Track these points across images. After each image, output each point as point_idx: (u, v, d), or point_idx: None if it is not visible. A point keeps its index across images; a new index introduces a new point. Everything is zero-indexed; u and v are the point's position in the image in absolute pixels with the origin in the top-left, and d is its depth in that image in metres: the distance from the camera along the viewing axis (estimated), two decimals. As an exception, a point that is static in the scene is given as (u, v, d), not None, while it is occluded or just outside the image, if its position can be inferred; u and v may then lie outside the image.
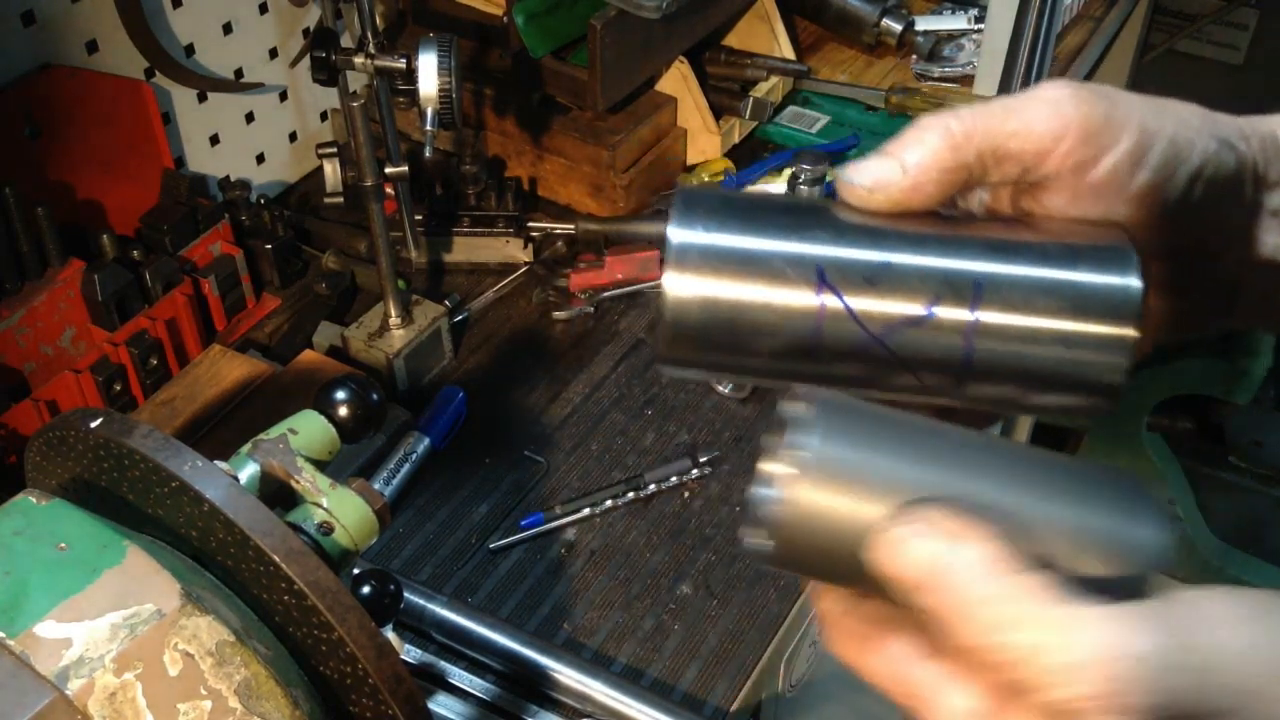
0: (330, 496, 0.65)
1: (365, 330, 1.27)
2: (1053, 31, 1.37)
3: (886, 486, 0.39)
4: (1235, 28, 2.34)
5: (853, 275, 0.42)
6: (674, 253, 0.43)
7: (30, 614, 0.52)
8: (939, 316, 0.42)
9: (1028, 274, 0.42)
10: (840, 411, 0.41)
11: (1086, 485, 0.40)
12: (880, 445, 0.40)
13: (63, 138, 1.24)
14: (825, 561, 0.40)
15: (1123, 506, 0.40)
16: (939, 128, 0.42)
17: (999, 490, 0.39)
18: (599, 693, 0.99)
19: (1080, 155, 0.42)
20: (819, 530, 0.40)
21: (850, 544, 0.39)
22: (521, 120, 1.50)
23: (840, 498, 0.39)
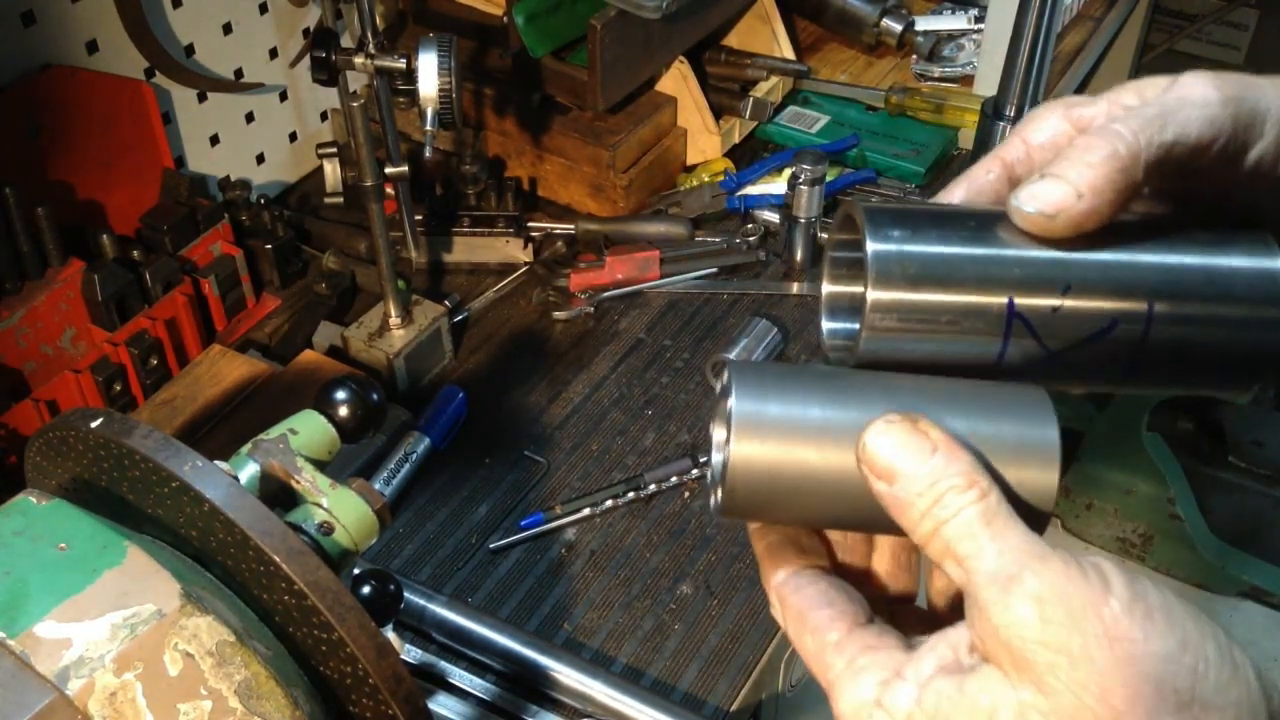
0: (330, 496, 0.65)
1: (365, 330, 1.27)
2: (1053, 31, 1.36)
3: (817, 427, 0.45)
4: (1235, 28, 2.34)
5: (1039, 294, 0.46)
6: (874, 267, 0.46)
7: (30, 614, 0.52)
8: (1119, 330, 0.46)
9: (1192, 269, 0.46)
10: (753, 372, 0.46)
11: (991, 399, 0.45)
12: (804, 394, 0.46)
13: (63, 138, 1.24)
14: (781, 504, 0.46)
15: (1025, 413, 0.45)
16: (1105, 150, 0.43)
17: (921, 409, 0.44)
18: (599, 693, 0.99)
19: (1230, 151, 0.44)
20: (761, 478, 0.45)
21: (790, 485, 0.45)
22: (521, 120, 1.50)
23: (773, 445, 0.45)
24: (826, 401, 0.45)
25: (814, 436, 0.45)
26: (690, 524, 1.15)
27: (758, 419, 0.45)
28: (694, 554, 1.13)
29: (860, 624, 0.46)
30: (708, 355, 1.31)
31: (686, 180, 1.54)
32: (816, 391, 0.45)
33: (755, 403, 0.45)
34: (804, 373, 0.47)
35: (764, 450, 0.45)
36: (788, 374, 0.46)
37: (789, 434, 0.45)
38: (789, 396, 0.45)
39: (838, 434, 0.44)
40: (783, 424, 0.45)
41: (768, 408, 0.45)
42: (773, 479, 0.45)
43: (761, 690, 1.07)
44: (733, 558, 1.12)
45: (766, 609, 1.08)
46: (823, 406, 0.45)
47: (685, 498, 1.17)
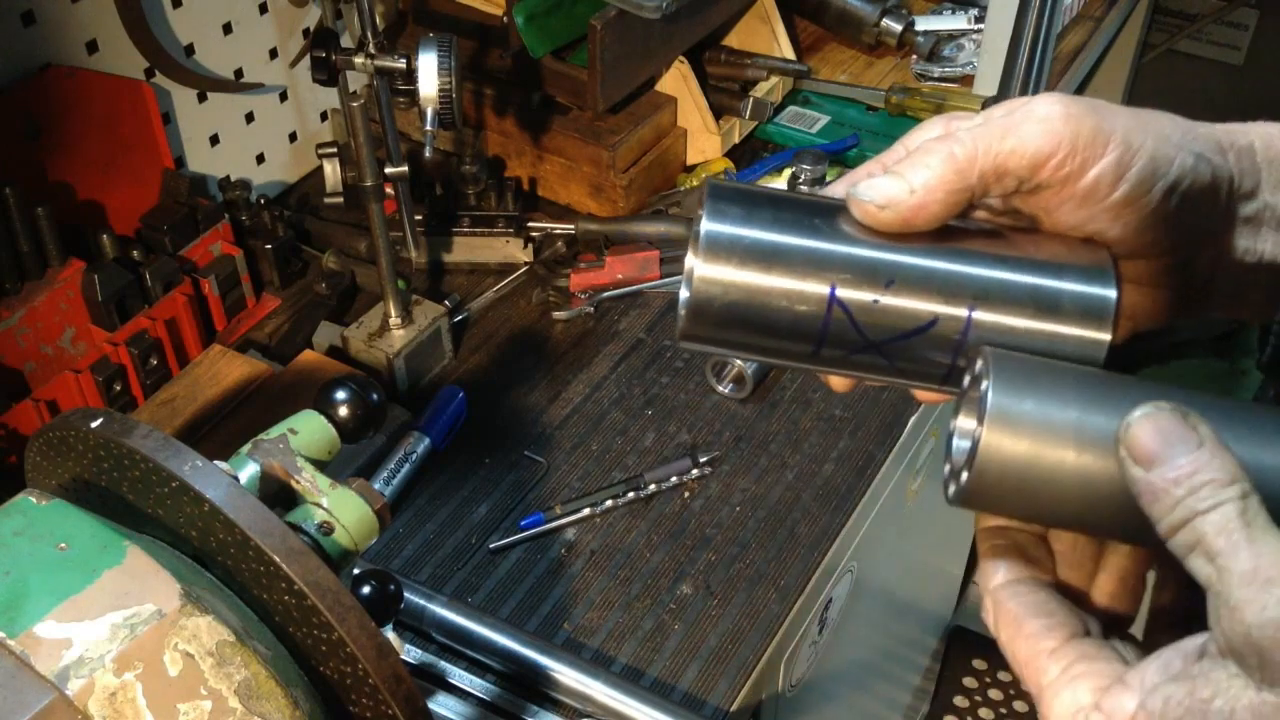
0: (330, 496, 0.65)
1: (365, 330, 1.27)
2: (1053, 31, 1.36)
3: (1073, 423, 0.43)
4: (1235, 28, 2.34)
5: (862, 287, 0.47)
6: (704, 241, 0.47)
7: (30, 614, 0.52)
8: (938, 330, 0.47)
9: (1020, 284, 0.47)
10: (1012, 363, 0.45)
11: (1264, 422, 0.44)
12: (1061, 388, 0.44)
13: (63, 138, 1.24)
14: (1013, 497, 0.45)
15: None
16: (943, 152, 0.46)
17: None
18: (599, 693, 0.99)
19: (1068, 168, 0.46)
20: (1010, 469, 0.44)
21: (1039, 478, 0.44)
22: (521, 120, 1.50)
23: (1027, 438, 0.43)
24: (1084, 398, 0.44)
25: (1069, 430, 0.43)
26: (690, 524, 1.15)
27: (1013, 410, 0.44)
28: (694, 554, 1.13)
29: (1079, 635, 0.45)
30: (707, 355, 1.31)
31: (686, 180, 1.54)
32: (1075, 387, 0.44)
33: (1011, 395, 0.44)
34: (1063, 369, 0.45)
35: (1016, 443, 0.43)
36: (1044, 368, 0.45)
37: (1044, 427, 0.43)
38: (1045, 390, 0.44)
39: (1095, 429, 0.43)
40: (1038, 417, 0.44)
41: (1023, 400, 0.44)
42: (1022, 470, 0.44)
43: (761, 690, 1.08)
44: (733, 558, 1.12)
45: (767, 609, 1.08)
46: (1080, 402, 0.44)
47: (685, 498, 1.18)
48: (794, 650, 1.14)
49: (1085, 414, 0.43)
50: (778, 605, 1.09)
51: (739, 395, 1.28)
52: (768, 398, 1.28)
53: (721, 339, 0.49)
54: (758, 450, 1.23)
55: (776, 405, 1.28)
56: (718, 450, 1.22)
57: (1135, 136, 0.46)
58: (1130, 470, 0.41)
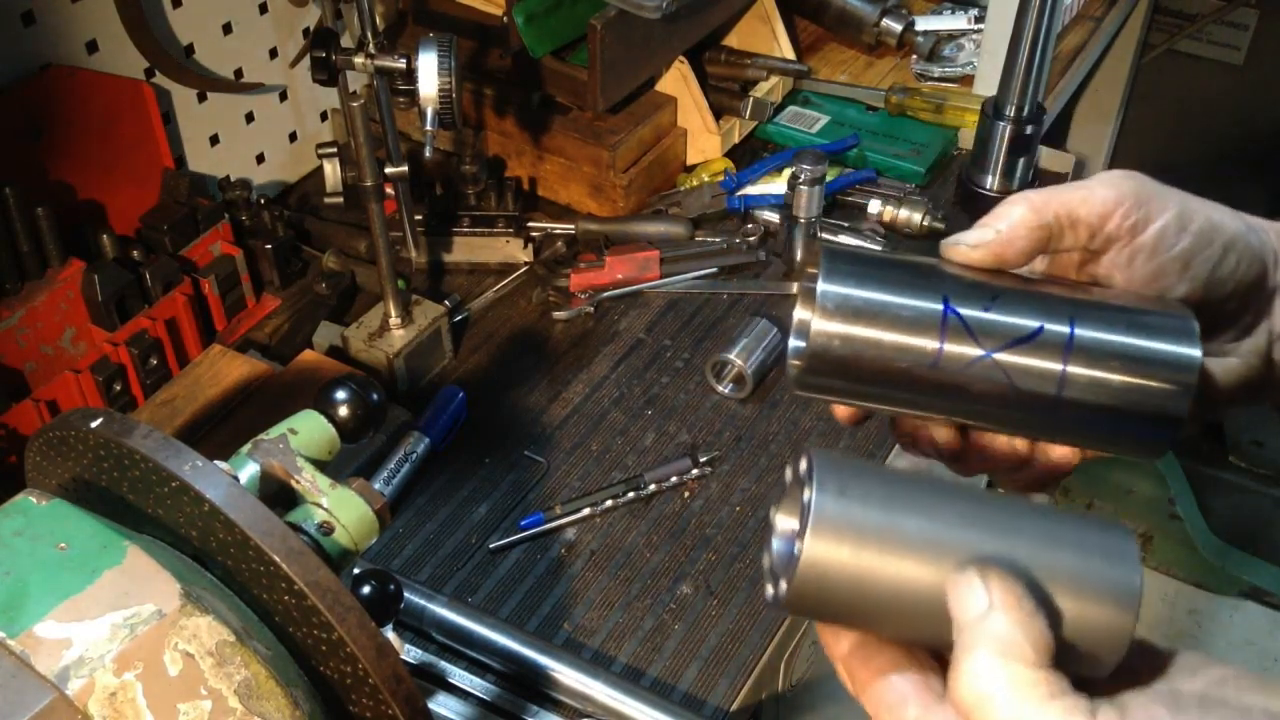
0: (330, 496, 0.65)
1: (365, 330, 1.27)
2: (1053, 31, 1.36)
3: (905, 543, 0.44)
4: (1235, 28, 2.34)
5: (971, 302, 0.51)
6: (821, 301, 0.51)
7: (30, 614, 0.52)
8: (1044, 338, 0.50)
9: (1113, 306, 0.51)
10: (840, 467, 0.46)
11: (1081, 533, 0.45)
12: (891, 502, 0.45)
13: (63, 138, 1.24)
14: (845, 611, 0.45)
15: (1109, 550, 0.45)
16: (1021, 200, 0.52)
17: (1004, 542, 0.45)
18: (599, 693, 0.99)
19: (1134, 218, 0.51)
20: (842, 583, 0.44)
21: (874, 595, 0.44)
22: (521, 120, 1.50)
23: (864, 554, 0.44)
24: (910, 512, 0.45)
25: (894, 549, 0.44)
26: (690, 524, 1.15)
27: (837, 520, 0.44)
28: (694, 554, 1.13)
29: (941, 695, 0.45)
30: (708, 355, 1.31)
31: (686, 180, 1.54)
32: (901, 499, 0.45)
33: (836, 501, 0.44)
34: (888, 475, 0.46)
35: (839, 554, 0.44)
36: (870, 473, 0.46)
37: (868, 541, 0.44)
38: (871, 499, 0.45)
39: (919, 551, 0.44)
40: (862, 529, 0.44)
41: (850, 509, 0.44)
42: (843, 584, 0.44)
43: (761, 690, 1.07)
44: (732, 558, 1.12)
45: (767, 609, 1.08)
46: (906, 517, 0.45)
47: (685, 498, 1.17)
48: (794, 650, 1.14)
49: (911, 532, 0.44)
50: (778, 605, 1.08)
51: (739, 395, 1.28)
52: (768, 398, 1.28)
53: (837, 389, 0.52)
54: (758, 450, 1.23)
55: (776, 405, 1.28)
56: (718, 450, 1.22)
57: (1192, 201, 0.52)
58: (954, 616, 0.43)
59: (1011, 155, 1.46)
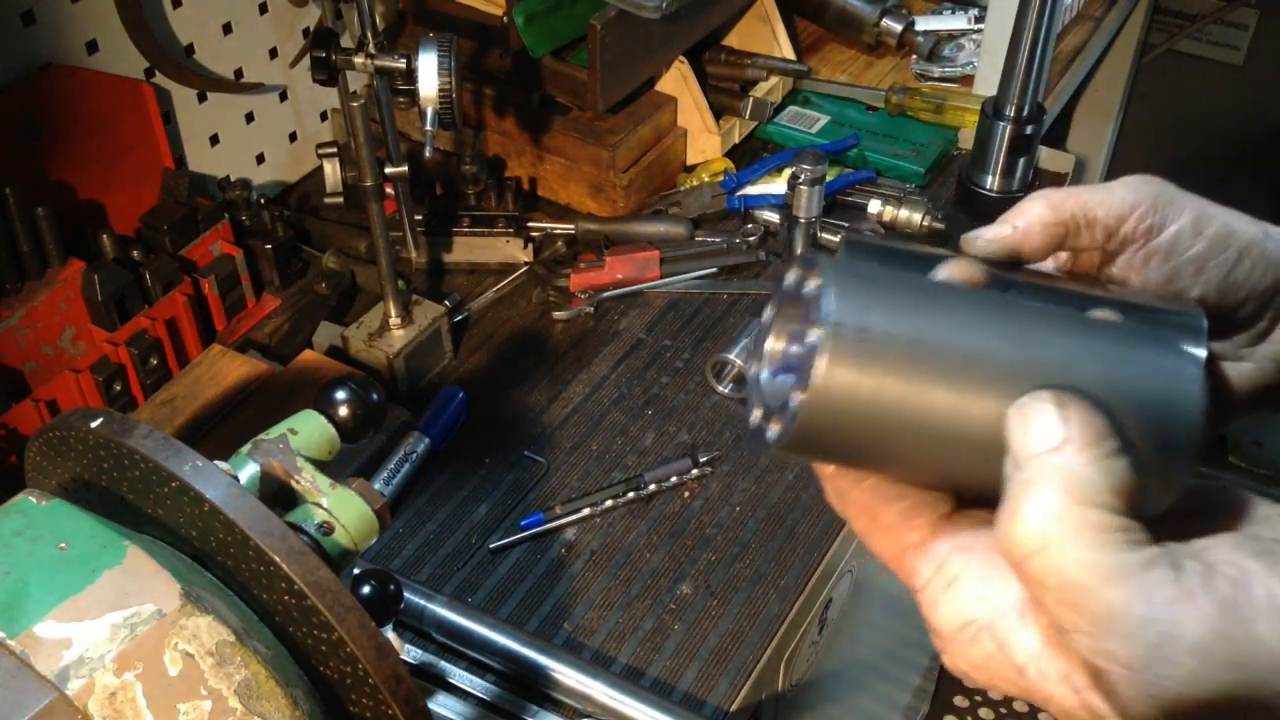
0: (330, 496, 0.65)
1: (365, 330, 1.27)
2: (1053, 31, 1.36)
3: (946, 362, 0.38)
4: (1235, 28, 2.34)
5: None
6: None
7: (30, 614, 0.52)
8: None
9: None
10: (859, 271, 0.39)
11: (1146, 350, 0.41)
12: (926, 313, 0.38)
13: (63, 138, 1.24)
14: (862, 449, 0.39)
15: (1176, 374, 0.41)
16: (1040, 197, 0.52)
17: (1067, 361, 0.39)
18: (599, 693, 0.99)
19: (1150, 221, 0.51)
20: (863, 415, 0.37)
21: (903, 428, 0.38)
22: (521, 120, 1.50)
23: (894, 376, 0.37)
24: (950, 324, 0.38)
25: (933, 369, 0.37)
26: (690, 524, 1.15)
27: (860, 333, 0.36)
28: (694, 554, 1.13)
29: (944, 515, 0.43)
30: (708, 355, 1.31)
31: (686, 180, 1.54)
32: (938, 309, 0.38)
33: (858, 310, 0.36)
34: (917, 280, 0.40)
35: (863, 378, 0.36)
36: (896, 278, 0.39)
37: (899, 359, 0.37)
38: (901, 309, 0.37)
39: (964, 371, 0.38)
40: (893, 344, 0.37)
41: (875, 318, 0.37)
42: (865, 416, 0.37)
43: (761, 690, 1.07)
44: (733, 558, 1.12)
45: (767, 609, 1.08)
46: (947, 329, 0.37)
47: (685, 498, 1.17)
48: (794, 650, 1.14)
49: (958, 346, 0.38)
50: (778, 605, 1.09)
51: (739, 395, 1.28)
52: (768, 398, 1.28)
53: None
54: (758, 450, 1.23)
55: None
56: (718, 450, 1.22)
57: (1209, 207, 0.52)
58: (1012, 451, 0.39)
59: (1011, 155, 1.46)
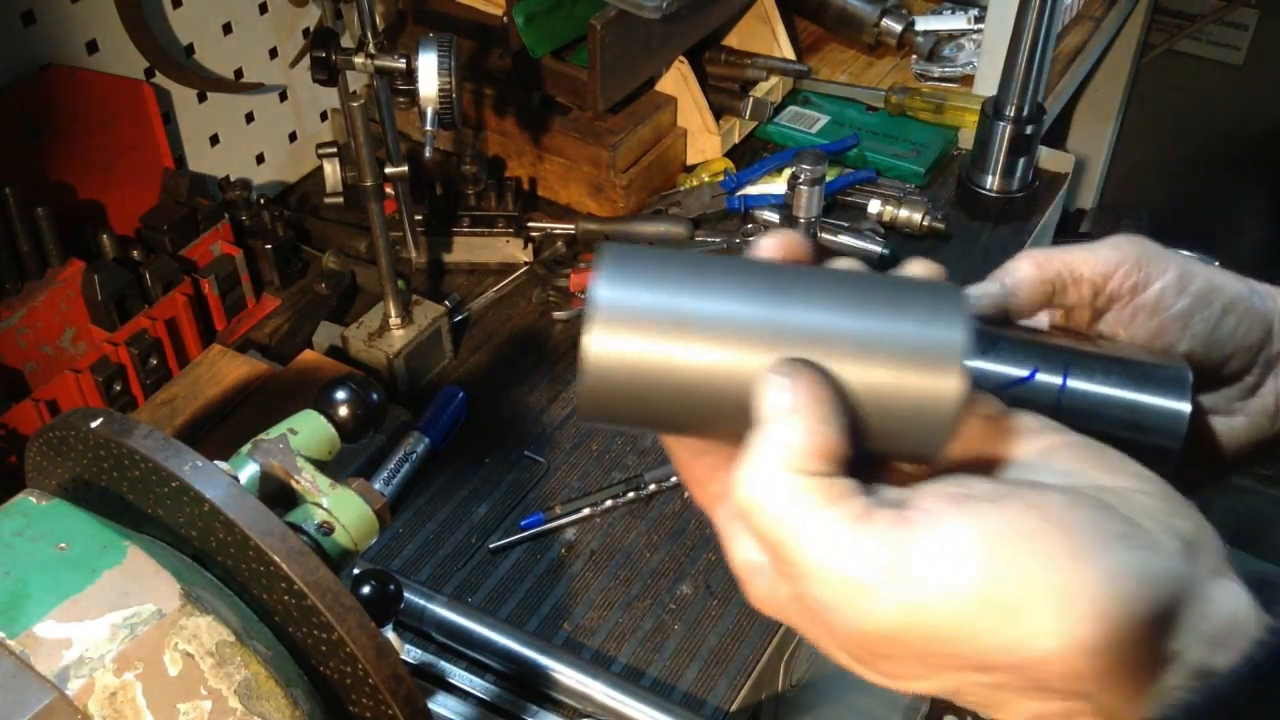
0: (330, 496, 0.65)
1: (365, 330, 1.27)
2: (1053, 31, 1.36)
3: (706, 329, 0.41)
4: (1235, 28, 2.34)
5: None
6: None
7: (30, 614, 0.52)
8: (1038, 379, 0.51)
9: (1105, 358, 0.52)
10: (630, 254, 0.43)
11: (904, 301, 0.43)
12: (689, 284, 0.42)
13: (63, 138, 1.24)
14: (648, 413, 0.43)
15: (924, 310, 0.42)
16: (1026, 255, 0.55)
17: (817, 320, 0.42)
18: (599, 693, 0.99)
19: (1135, 278, 0.54)
20: (638, 381, 0.42)
21: (675, 394, 0.42)
22: (521, 120, 1.50)
23: (659, 344, 0.41)
24: (710, 294, 0.42)
25: (694, 337, 0.41)
26: (690, 524, 1.15)
27: (623, 307, 0.41)
28: (694, 554, 1.13)
29: None
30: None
31: (686, 180, 1.54)
32: (700, 280, 0.42)
33: (622, 288, 0.41)
34: (685, 257, 0.43)
35: (629, 347, 0.41)
36: (666, 257, 0.43)
37: (663, 329, 0.41)
38: (665, 282, 0.42)
39: (723, 338, 0.41)
40: (655, 316, 0.41)
41: (638, 295, 0.41)
42: (640, 382, 0.42)
43: (761, 690, 1.07)
44: (733, 558, 1.12)
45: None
46: (707, 299, 0.41)
47: (685, 497, 1.17)
48: (794, 650, 1.14)
49: (716, 314, 0.41)
50: (778, 605, 1.08)
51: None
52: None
53: None
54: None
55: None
56: (718, 450, 1.21)
57: (1194, 265, 0.54)
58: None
59: (1011, 155, 1.46)
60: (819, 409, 0.40)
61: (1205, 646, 0.37)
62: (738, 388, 0.42)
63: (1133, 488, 0.40)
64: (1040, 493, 0.39)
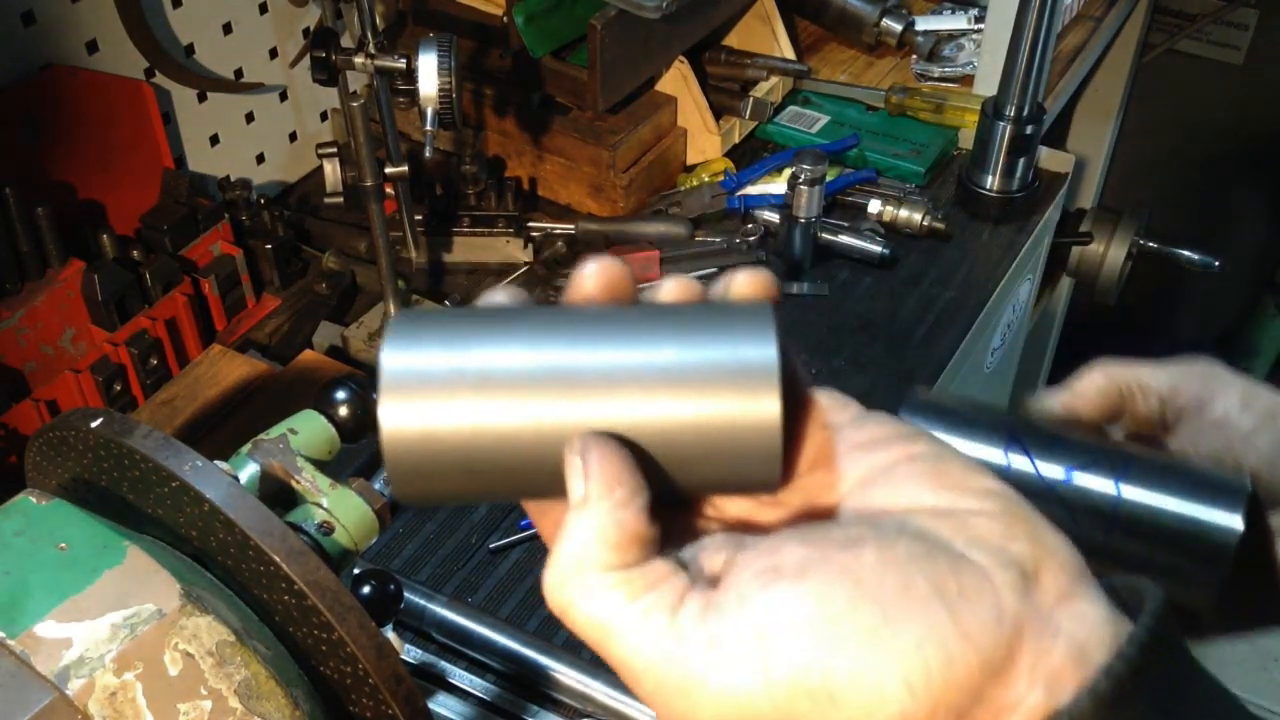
0: (330, 496, 0.65)
1: (365, 330, 1.27)
2: (1053, 31, 1.36)
3: (502, 388, 0.39)
4: (1235, 28, 2.34)
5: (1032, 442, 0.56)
6: None
7: (30, 614, 0.52)
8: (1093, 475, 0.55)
9: (1167, 463, 0.55)
10: (420, 316, 0.40)
11: (695, 325, 0.40)
12: (479, 339, 0.39)
13: (63, 138, 1.24)
14: (462, 486, 0.40)
15: (732, 335, 0.39)
16: (1099, 365, 0.59)
17: (590, 353, 0.39)
18: (599, 693, 0.99)
19: (1201, 395, 0.57)
20: (442, 451, 0.39)
21: (474, 456, 0.39)
22: (521, 120, 1.50)
23: (458, 410, 0.38)
24: (500, 345, 0.39)
25: (491, 399, 0.38)
26: (690, 524, 1.15)
27: (411, 374, 0.38)
28: (694, 554, 1.12)
29: None
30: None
31: (686, 180, 1.54)
32: (490, 333, 0.39)
33: (408, 351, 0.38)
34: (477, 313, 0.41)
35: (425, 414, 0.38)
36: (457, 316, 0.40)
37: (456, 392, 0.38)
38: (455, 341, 0.39)
39: (522, 395, 0.38)
40: (447, 380, 0.38)
41: (425, 359, 0.38)
42: (444, 452, 0.39)
43: (761, 690, 1.07)
44: (733, 558, 1.12)
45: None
46: (496, 351, 0.39)
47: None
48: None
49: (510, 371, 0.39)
50: (778, 605, 1.08)
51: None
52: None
53: None
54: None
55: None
56: (718, 450, 1.21)
57: (1255, 386, 0.58)
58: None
59: (1011, 155, 1.46)
60: (617, 492, 0.38)
61: (1046, 686, 0.35)
62: (544, 450, 0.39)
63: (971, 509, 0.38)
64: (854, 553, 0.36)
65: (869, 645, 0.35)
